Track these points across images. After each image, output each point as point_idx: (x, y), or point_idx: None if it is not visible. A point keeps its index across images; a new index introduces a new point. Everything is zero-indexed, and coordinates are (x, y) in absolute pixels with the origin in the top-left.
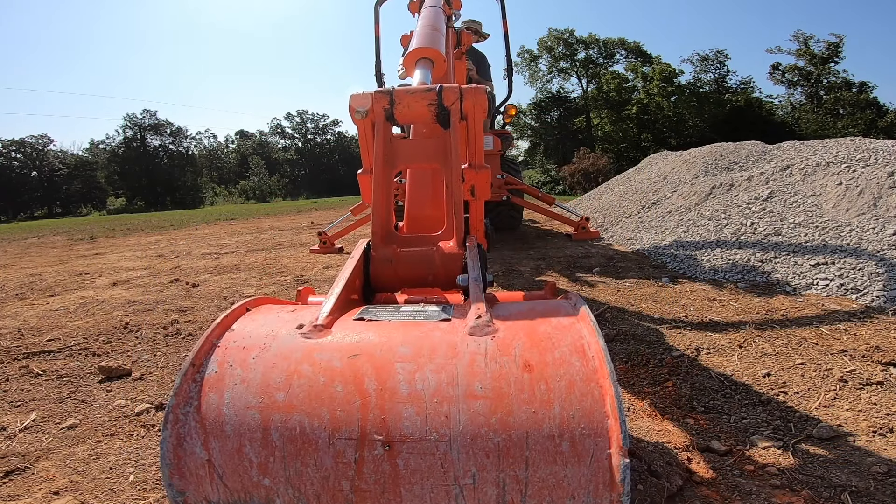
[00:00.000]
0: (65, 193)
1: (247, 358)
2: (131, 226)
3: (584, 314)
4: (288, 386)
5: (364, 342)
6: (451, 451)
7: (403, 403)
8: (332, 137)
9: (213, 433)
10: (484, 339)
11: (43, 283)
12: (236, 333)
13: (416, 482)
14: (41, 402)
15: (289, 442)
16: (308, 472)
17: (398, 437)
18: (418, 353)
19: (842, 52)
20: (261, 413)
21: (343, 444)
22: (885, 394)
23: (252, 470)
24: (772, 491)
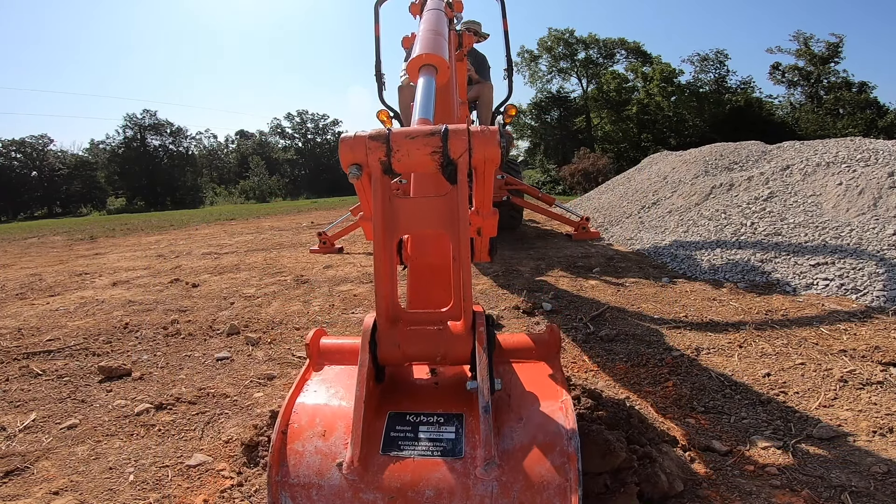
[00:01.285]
0: (65, 193)
1: (311, 496)
2: (131, 226)
3: (573, 455)
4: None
5: (397, 484)
6: None
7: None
8: (332, 137)
9: None
10: (491, 483)
11: (43, 283)
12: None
13: None
14: (41, 402)
15: None
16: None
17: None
18: (440, 495)
19: (842, 52)
20: None
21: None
22: (885, 394)
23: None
24: (772, 491)
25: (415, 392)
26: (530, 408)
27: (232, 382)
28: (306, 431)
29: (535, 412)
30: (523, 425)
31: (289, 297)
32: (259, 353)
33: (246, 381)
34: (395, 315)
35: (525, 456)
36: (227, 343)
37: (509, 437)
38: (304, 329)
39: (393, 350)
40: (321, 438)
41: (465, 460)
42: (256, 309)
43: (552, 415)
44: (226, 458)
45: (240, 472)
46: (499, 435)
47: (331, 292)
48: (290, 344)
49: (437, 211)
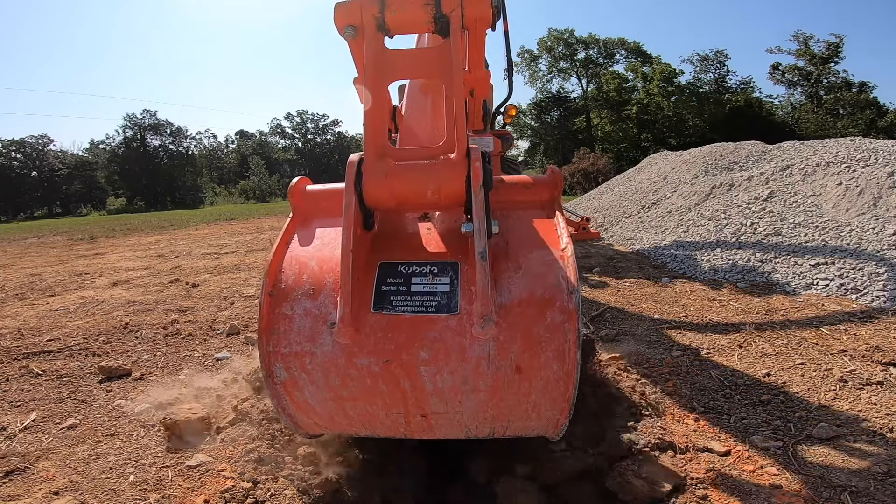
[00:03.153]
0: (65, 193)
1: (304, 364)
2: (131, 226)
3: (573, 313)
4: (346, 386)
5: (391, 346)
6: (464, 416)
7: (431, 395)
8: (332, 137)
9: (309, 414)
10: (487, 343)
11: (43, 283)
12: (283, 338)
13: (443, 428)
14: (41, 402)
15: (360, 415)
16: (378, 425)
17: (430, 413)
18: (436, 357)
19: (842, 52)
20: (335, 403)
21: (395, 416)
22: (885, 394)
23: (343, 424)
24: (772, 491)
25: (407, 240)
26: (529, 255)
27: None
28: (294, 292)
29: (535, 261)
30: (521, 275)
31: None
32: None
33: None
34: (383, 151)
35: (523, 312)
36: (227, 343)
37: (507, 289)
38: None
39: (380, 186)
40: (310, 298)
41: (461, 317)
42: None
43: (552, 265)
44: (226, 459)
45: (242, 472)
46: (496, 287)
47: None
48: None
49: (429, 59)
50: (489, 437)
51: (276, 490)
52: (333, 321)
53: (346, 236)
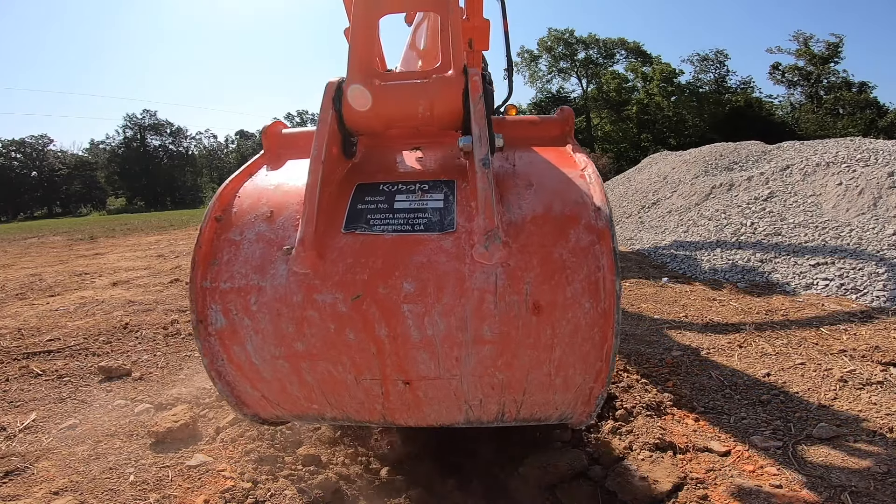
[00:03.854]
0: (65, 193)
1: (248, 305)
2: (131, 226)
3: (605, 232)
4: (302, 335)
5: (364, 275)
6: (462, 385)
7: (417, 349)
8: None
9: (254, 380)
10: (494, 270)
11: (43, 283)
12: (224, 269)
13: (434, 404)
14: (41, 402)
15: (321, 382)
16: (346, 400)
17: (416, 377)
18: (424, 290)
19: (842, 52)
20: (288, 362)
21: (369, 383)
22: (885, 394)
23: (300, 399)
24: (772, 491)
25: (393, 165)
26: (542, 174)
27: None
28: (248, 215)
29: (549, 178)
30: (534, 192)
31: None
32: None
33: None
34: (369, 71)
35: (539, 231)
36: None
37: (517, 205)
38: None
39: (363, 105)
40: (266, 221)
41: (459, 236)
42: None
43: (570, 183)
44: (226, 459)
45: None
46: (502, 202)
47: None
48: None
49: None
50: (497, 420)
51: (276, 490)
52: (289, 246)
53: (317, 145)
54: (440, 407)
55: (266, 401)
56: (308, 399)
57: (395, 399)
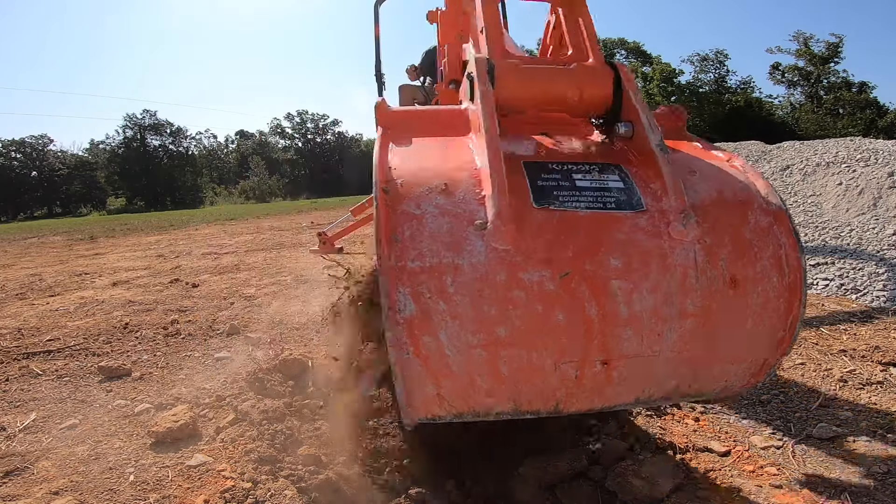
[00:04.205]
0: (65, 193)
1: (444, 286)
2: (131, 226)
3: (780, 214)
4: (506, 319)
5: (568, 252)
6: (657, 361)
7: (623, 326)
8: (332, 137)
9: (438, 375)
10: (692, 247)
11: (43, 283)
12: (410, 245)
13: (620, 385)
14: (41, 402)
15: (518, 371)
16: (531, 389)
17: (616, 356)
18: (630, 266)
19: (842, 52)
20: (486, 351)
21: (566, 367)
22: (885, 394)
23: (481, 394)
24: (772, 491)
25: (542, 146)
26: (698, 163)
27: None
28: (418, 188)
29: (706, 166)
30: (699, 178)
31: (289, 297)
32: (259, 352)
33: None
34: (506, 54)
35: (722, 211)
36: (227, 343)
37: (691, 189)
38: (304, 329)
39: (519, 84)
40: (443, 195)
41: (651, 214)
42: (256, 309)
43: (726, 171)
44: (226, 459)
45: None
46: None
47: (331, 292)
48: (290, 344)
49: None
50: (662, 399)
51: (276, 490)
52: (482, 221)
53: (488, 120)
54: (624, 387)
55: (440, 399)
56: (490, 393)
57: (585, 382)
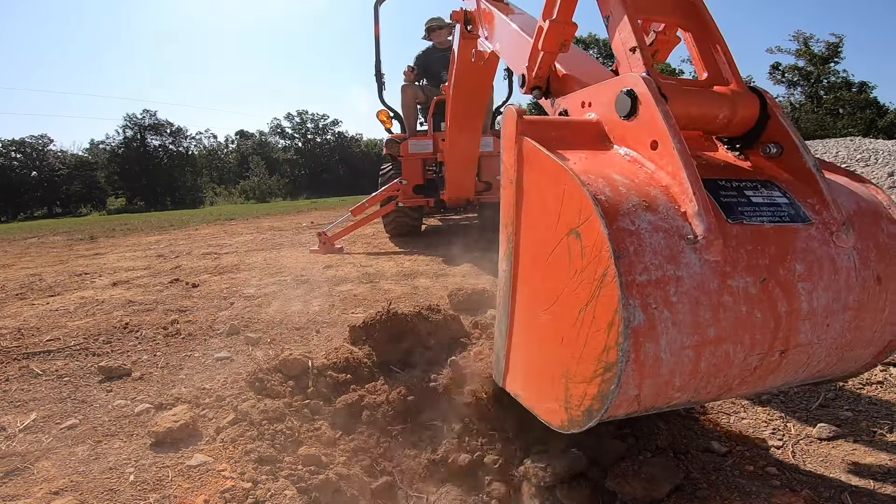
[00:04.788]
0: (65, 193)
1: (668, 296)
2: (131, 226)
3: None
4: (716, 321)
5: (765, 260)
6: (821, 349)
7: (803, 320)
8: (332, 137)
9: (646, 377)
10: (850, 252)
11: (43, 283)
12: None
13: (783, 371)
14: (41, 402)
15: (714, 366)
16: (714, 380)
17: (792, 346)
18: (811, 270)
19: (842, 52)
20: (694, 352)
21: (752, 358)
22: (885, 394)
23: (670, 390)
24: (772, 491)
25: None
26: (827, 180)
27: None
28: (624, 203)
29: (835, 185)
30: (838, 193)
31: (289, 297)
32: (259, 352)
33: None
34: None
35: (862, 221)
36: (227, 343)
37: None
38: (304, 329)
39: (678, 105)
40: (649, 211)
41: (816, 226)
42: (256, 309)
43: (851, 184)
44: (226, 459)
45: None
46: None
47: (331, 292)
48: (290, 344)
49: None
50: (802, 380)
51: (276, 490)
52: (692, 235)
53: (677, 139)
54: (783, 373)
55: (637, 399)
56: (681, 388)
57: (760, 370)
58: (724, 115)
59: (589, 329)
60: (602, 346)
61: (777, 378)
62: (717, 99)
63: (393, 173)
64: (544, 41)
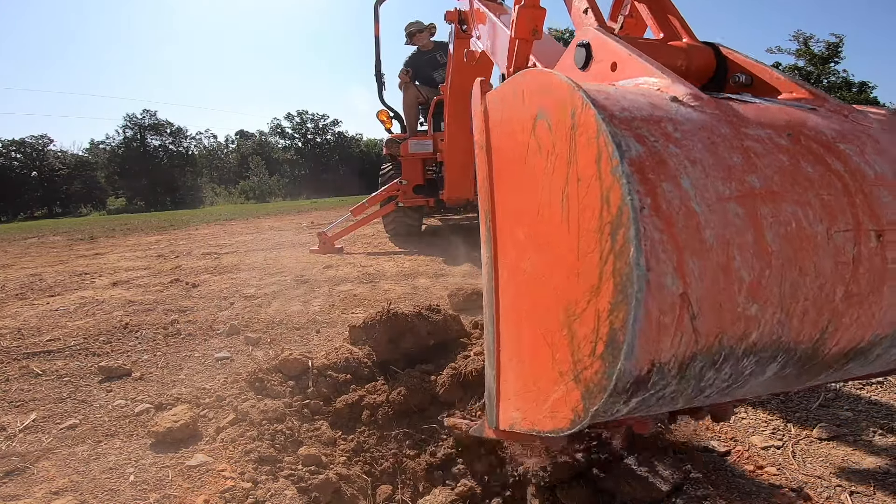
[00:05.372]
0: (65, 193)
1: (666, 131)
2: (131, 226)
3: None
4: (752, 166)
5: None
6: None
7: (876, 185)
8: (332, 137)
9: (688, 246)
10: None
11: (43, 283)
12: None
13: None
14: (41, 402)
15: (786, 244)
16: (805, 284)
17: (886, 223)
18: (844, 136)
19: (842, 52)
20: (742, 205)
21: (841, 239)
22: (885, 394)
23: (739, 296)
24: (772, 491)
25: None
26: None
27: None
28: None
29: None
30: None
31: (289, 297)
32: (259, 352)
33: None
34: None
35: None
36: (227, 343)
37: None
38: (304, 329)
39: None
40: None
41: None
42: (256, 309)
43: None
44: (226, 459)
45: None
46: None
47: (331, 292)
48: (290, 344)
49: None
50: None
51: (276, 490)
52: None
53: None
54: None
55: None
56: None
57: (863, 269)
58: (681, 63)
59: (578, 206)
60: (597, 212)
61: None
62: (672, 50)
63: (393, 173)
64: (516, 28)
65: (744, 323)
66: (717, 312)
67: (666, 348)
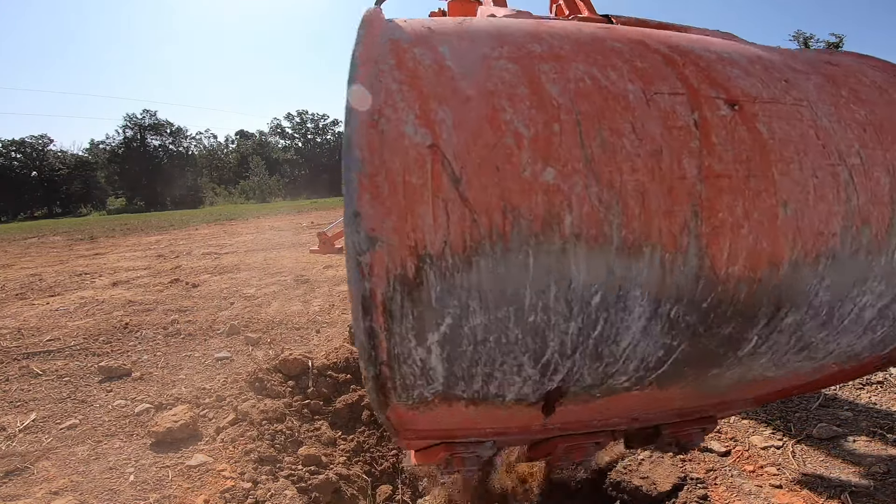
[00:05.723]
0: (65, 193)
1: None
2: (131, 226)
3: None
4: (539, 39)
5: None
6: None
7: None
8: (332, 137)
9: (434, 94)
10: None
11: (43, 283)
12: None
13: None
14: (41, 402)
15: (580, 99)
16: (625, 147)
17: (740, 93)
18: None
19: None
20: (517, 64)
21: (668, 102)
22: (884, 394)
23: (521, 153)
24: (772, 491)
25: None
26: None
27: None
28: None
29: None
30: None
31: (289, 297)
32: (259, 352)
33: None
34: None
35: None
36: (227, 343)
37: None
38: (304, 329)
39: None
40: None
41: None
42: (256, 309)
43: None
44: (226, 459)
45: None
46: None
47: (331, 292)
48: (290, 344)
49: None
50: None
51: (276, 490)
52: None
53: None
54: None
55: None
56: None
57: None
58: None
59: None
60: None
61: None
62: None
63: None
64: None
65: (540, 194)
66: (491, 175)
67: (429, 226)
